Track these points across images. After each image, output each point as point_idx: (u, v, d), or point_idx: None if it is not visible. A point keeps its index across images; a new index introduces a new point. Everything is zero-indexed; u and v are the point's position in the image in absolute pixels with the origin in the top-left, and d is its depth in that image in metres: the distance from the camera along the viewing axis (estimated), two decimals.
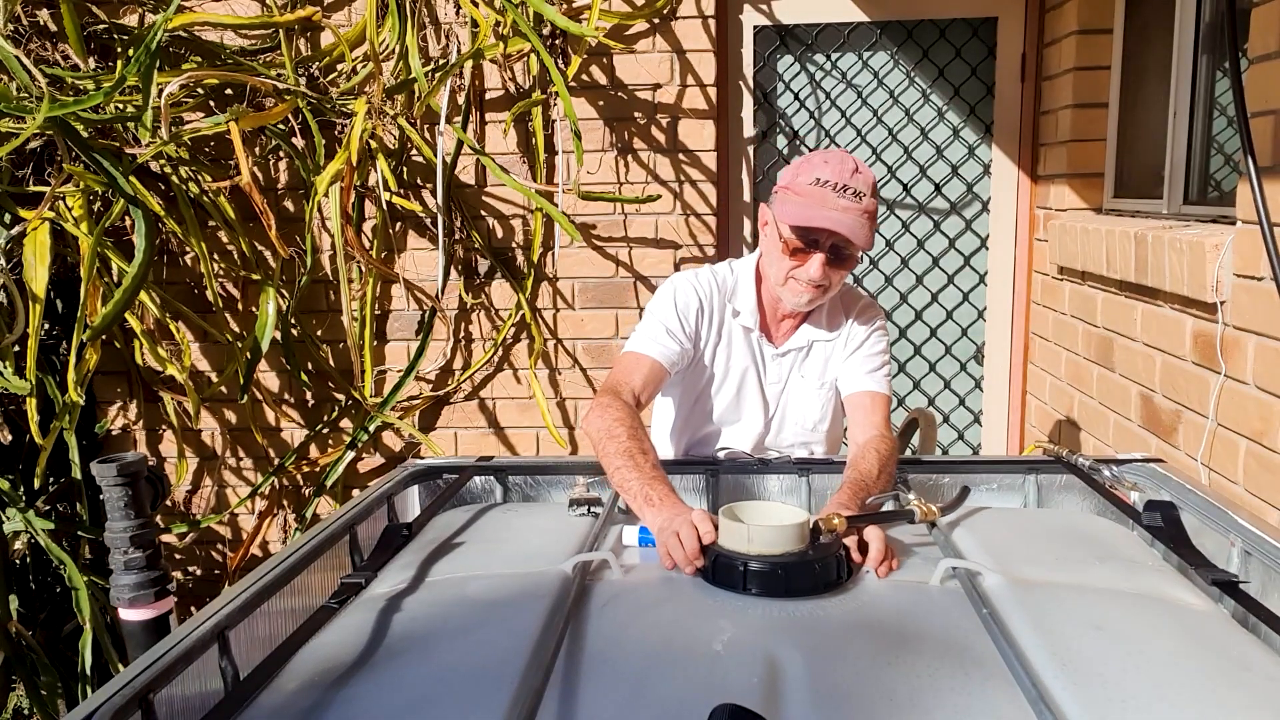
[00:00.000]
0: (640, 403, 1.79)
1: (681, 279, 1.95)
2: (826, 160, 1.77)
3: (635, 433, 1.65)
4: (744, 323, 1.93)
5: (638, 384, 1.81)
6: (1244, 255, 2.02)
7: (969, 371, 3.55)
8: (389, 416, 3.23)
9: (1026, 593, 1.21)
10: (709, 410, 1.97)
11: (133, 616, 1.95)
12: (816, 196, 1.74)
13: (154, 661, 1.03)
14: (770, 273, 1.88)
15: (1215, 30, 2.48)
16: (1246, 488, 2.06)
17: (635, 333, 1.90)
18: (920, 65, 3.34)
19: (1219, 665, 1.05)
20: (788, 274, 1.82)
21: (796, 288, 1.82)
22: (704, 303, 1.91)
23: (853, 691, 1.00)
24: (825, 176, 1.74)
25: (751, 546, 1.26)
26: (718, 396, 1.96)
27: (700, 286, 1.92)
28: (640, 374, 1.82)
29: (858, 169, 1.76)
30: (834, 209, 1.73)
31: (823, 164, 1.77)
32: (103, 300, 2.77)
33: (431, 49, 3.11)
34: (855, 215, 1.74)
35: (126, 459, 1.96)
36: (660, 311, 1.90)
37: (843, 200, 1.73)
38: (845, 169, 1.75)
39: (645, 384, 1.82)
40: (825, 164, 1.77)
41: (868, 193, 1.75)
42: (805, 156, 1.85)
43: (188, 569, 3.50)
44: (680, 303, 1.90)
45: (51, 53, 2.89)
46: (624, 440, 1.63)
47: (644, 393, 1.82)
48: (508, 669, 1.04)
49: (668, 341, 1.86)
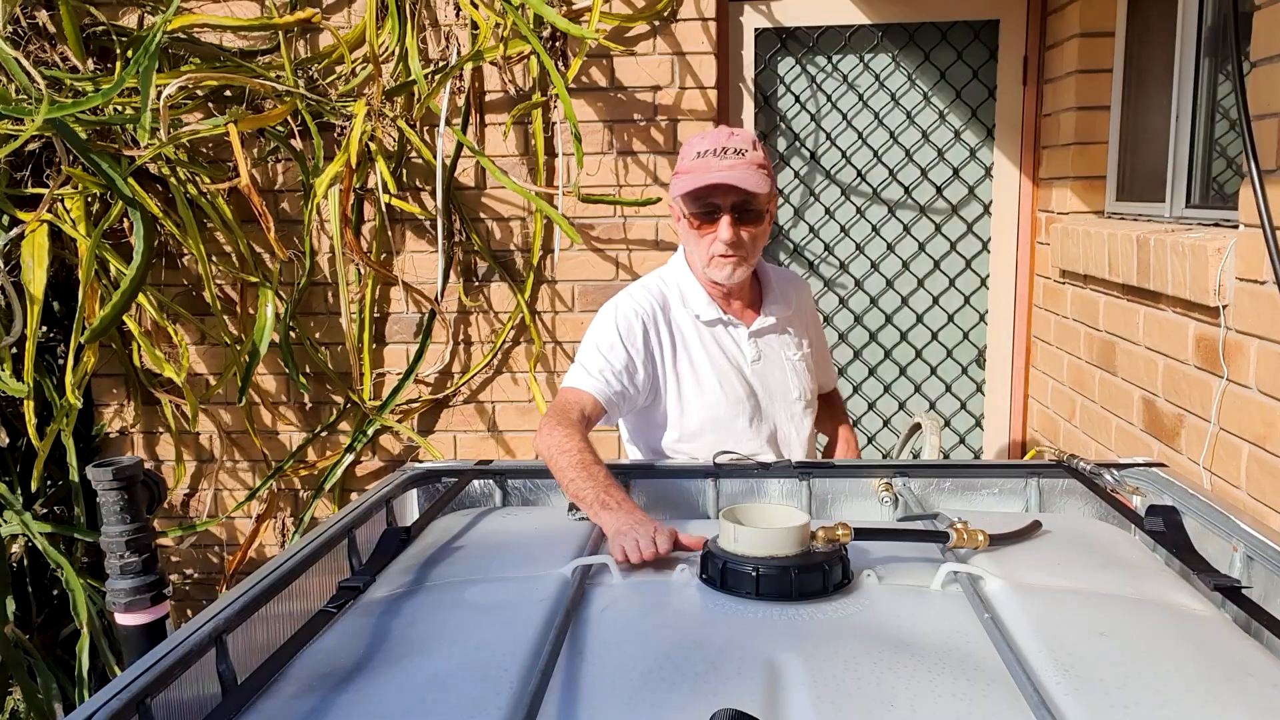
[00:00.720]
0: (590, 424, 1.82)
1: (619, 304, 1.96)
2: (704, 136, 1.89)
3: (585, 448, 1.68)
4: (708, 317, 1.97)
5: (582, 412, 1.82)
6: (1246, 259, 2.01)
7: (970, 375, 3.54)
8: (388, 419, 3.23)
9: (1028, 597, 1.21)
10: (703, 411, 1.97)
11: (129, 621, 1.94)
12: (701, 166, 1.84)
13: (151, 666, 1.03)
14: (695, 260, 1.96)
15: (1217, 33, 2.48)
16: (1249, 492, 2.05)
17: (576, 366, 1.91)
18: (922, 68, 3.34)
19: (1221, 671, 1.05)
20: (708, 251, 1.89)
21: (719, 261, 1.89)
22: (646, 323, 1.93)
23: (853, 696, 0.99)
24: (704, 148, 1.85)
25: (752, 549, 1.25)
26: (705, 395, 1.97)
27: (639, 307, 1.94)
28: (581, 407, 1.83)
29: (734, 133, 1.87)
30: (719, 169, 1.82)
31: (700, 139, 1.88)
32: (101, 302, 2.77)
33: (431, 51, 3.11)
34: (742, 168, 1.82)
35: (122, 462, 1.94)
36: (603, 343, 1.91)
37: (726, 160, 1.83)
38: (720, 135, 1.87)
39: (588, 416, 1.83)
40: (702, 139, 1.88)
41: (749, 148, 1.85)
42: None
43: (185, 572, 3.50)
44: (623, 329, 1.91)
45: (50, 54, 2.89)
46: (575, 454, 1.66)
47: (589, 421, 1.82)
48: (507, 673, 1.04)
49: (608, 377, 1.87)
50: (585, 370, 1.88)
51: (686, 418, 1.97)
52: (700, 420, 1.96)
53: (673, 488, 1.80)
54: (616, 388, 1.86)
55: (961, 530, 1.37)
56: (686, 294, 1.98)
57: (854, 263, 3.48)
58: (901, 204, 3.43)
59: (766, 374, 2.00)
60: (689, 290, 1.98)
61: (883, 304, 3.50)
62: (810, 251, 3.48)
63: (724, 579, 1.25)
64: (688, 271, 2.00)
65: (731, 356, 1.97)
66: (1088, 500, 1.71)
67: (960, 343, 3.53)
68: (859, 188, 3.43)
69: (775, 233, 3.47)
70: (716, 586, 1.26)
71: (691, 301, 1.97)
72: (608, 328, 1.92)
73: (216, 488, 3.43)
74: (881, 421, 3.60)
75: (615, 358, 1.88)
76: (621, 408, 1.91)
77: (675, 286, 2.00)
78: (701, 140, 1.87)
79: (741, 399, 1.96)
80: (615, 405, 1.88)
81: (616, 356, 1.88)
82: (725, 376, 1.96)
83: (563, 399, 1.85)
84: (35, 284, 2.63)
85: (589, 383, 1.86)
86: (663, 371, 1.95)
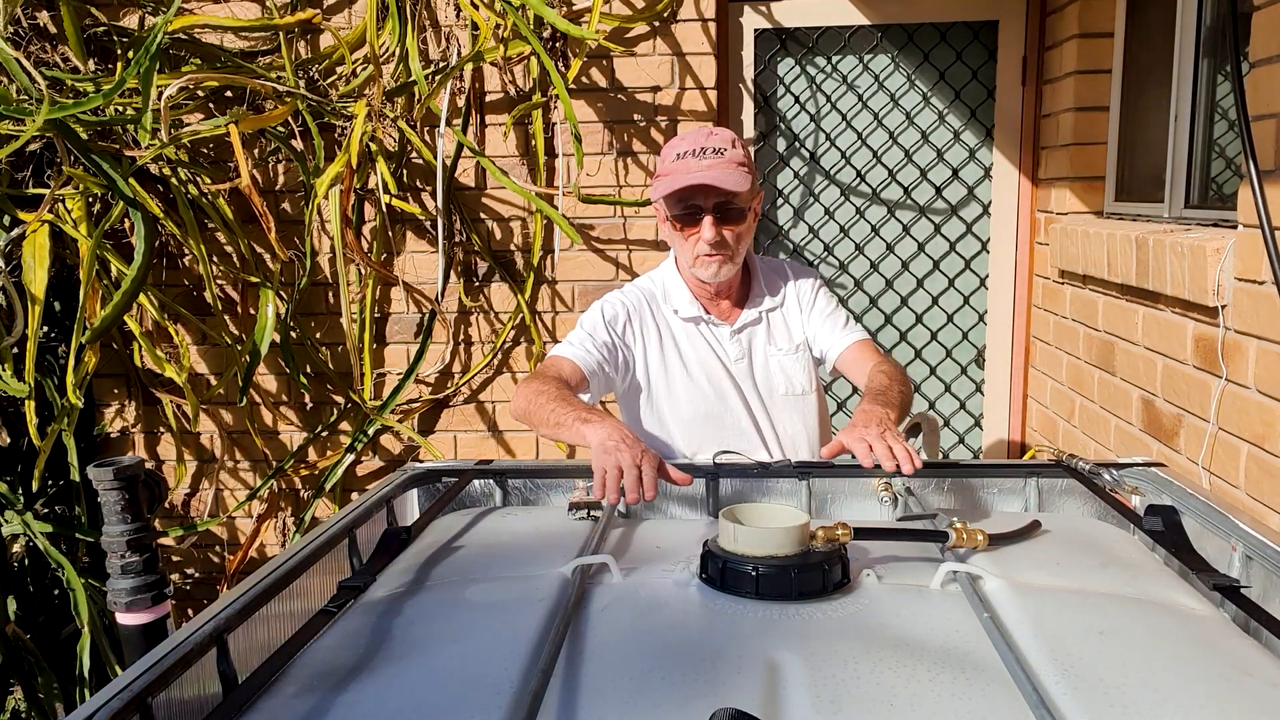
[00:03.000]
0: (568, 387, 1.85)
1: (609, 295, 2.06)
2: (683, 137, 1.91)
3: (563, 387, 1.75)
4: (686, 314, 2.00)
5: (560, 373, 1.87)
6: (1245, 259, 2.01)
7: (969, 375, 3.55)
8: (388, 419, 3.23)
9: (1027, 597, 1.21)
10: (690, 407, 2.01)
11: (130, 620, 1.94)
12: (681, 167, 1.85)
13: (152, 665, 1.03)
14: (681, 261, 2.00)
15: (1216, 33, 2.48)
16: (1248, 492, 2.05)
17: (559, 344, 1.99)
18: (921, 68, 3.34)
19: (1220, 670, 1.05)
20: (693, 251, 1.92)
21: (704, 260, 1.92)
22: (630, 313, 2.01)
23: (852, 695, 0.99)
24: (683, 149, 1.87)
25: (751, 548, 1.26)
26: (691, 391, 2.01)
27: (626, 299, 2.03)
28: (559, 369, 1.88)
29: (713, 132, 1.89)
30: (698, 170, 1.83)
31: (679, 141, 1.91)
32: (102, 303, 2.77)
33: (431, 51, 3.11)
34: (721, 168, 1.83)
35: (123, 462, 1.95)
36: (587, 322, 2.00)
37: (705, 160, 1.85)
38: (700, 135, 1.88)
39: (565, 378, 1.87)
40: (682, 140, 1.90)
41: (728, 146, 1.86)
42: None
43: (186, 572, 3.50)
44: (607, 315, 2.00)
45: (51, 55, 2.89)
46: (553, 392, 1.72)
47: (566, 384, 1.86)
48: (507, 673, 1.04)
49: (589, 348, 1.94)
50: (568, 342, 1.97)
51: (674, 410, 2.01)
52: (687, 414, 2.01)
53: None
54: (595, 359, 1.93)
55: (961, 530, 1.37)
56: (670, 291, 2.04)
57: (853, 263, 3.48)
58: (901, 204, 3.43)
59: (753, 371, 2.03)
60: (673, 287, 2.04)
61: (882, 304, 3.50)
62: (810, 251, 3.48)
63: (724, 579, 1.25)
64: (674, 270, 2.06)
65: (715, 354, 2.01)
66: (1087, 500, 1.71)
67: (959, 343, 3.53)
68: (858, 188, 3.43)
69: (775, 233, 3.47)
70: (716, 586, 1.26)
71: (674, 298, 2.02)
72: (593, 313, 2.02)
73: (217, 488, 3.43)
74: None
75: (597, 335, 1.96)
76: (599, 384, 1.96)
77: (661, 284, 2.06)
78: (680, 142, 1.90)
79: (724, 394, 2.00)
80: (594, 376, 1.93)
81: (599, 335, 1.97)
82: (711, 373, 2.00)
83: (541, 366, 1.92)
84: (36, 284, 2.63)
85: (569, 350, 1.94)
86: (645, 362, 2.01)
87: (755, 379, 2.03)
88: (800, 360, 2.06)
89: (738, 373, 2.01)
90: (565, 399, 1.69)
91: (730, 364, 2.01)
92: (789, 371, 2.04)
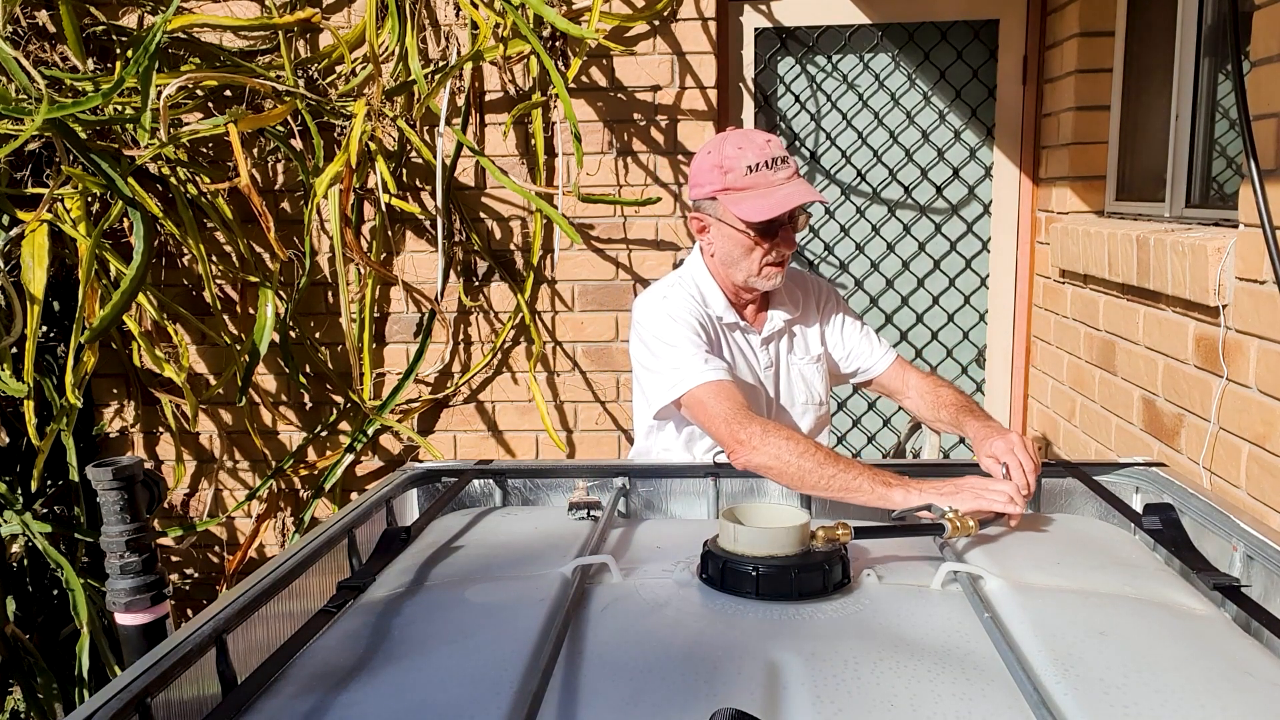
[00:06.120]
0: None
1: (667, 305, 1.90)
2: (741, 146, 1.82)
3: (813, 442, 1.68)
4: (727, 319, 1.97)
5: (746, 403, 1.76)
6: (1246, 258, 2.01)
7: (970, 375, 3.54)
8: (388, 419, 3.23)
9: (1028, 597, 1.21)
10: None
11: (129, 621, 1.94)
12: (761, 181, 1.80)
13: (151, 665, 1.03)
14: (737, 269, 1.90)
15: (1217, 33, 2.47)
16: (1249, 491, 2.05)
17: (678, 369, 1.81)
18: (921, 67, 3.34)
19: (1221, 670, 1.05)
20: (760, 262, 1.87)
21: (771, 270, 1.88)
22: (697, 318, 1.90)
23: (853, 695, 0.99)
24: (753, 160, 1.80)
25: (751, 548, 1.25)
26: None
27: (683, 304, 1.91)
28: (742, 400, 1.76)
29: (769, 139, 1.84)
30: (782, 185, 1.80)
31: (738, 150, 1.81)
32: (101, 302, 2.76)
33: (431, 51, 3.11)
34: (798, 182, 1.82)
35: (122, 462, 1.95)
36: (680, 338, 1.85)
37: (781, 172, 1.81)
38: (758, 142, 1.82)
39: (748, 399, 1.79)
40: (740, 149, 1.81)
41: (785, 152, 1.83)
42: (707, 151, 1.87)
43: (185, 572, 3.50)
44: (690, 323, 1.87)
45: (50, 54, 2.89)
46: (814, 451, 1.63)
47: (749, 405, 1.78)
48: (507, 673, 1.04)
49: (716, 361, 1.82)
50: (697, 365, 1.79)
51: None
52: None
53: (673, 487, 1.80)
54: (721, 364, 1.84)
55: (954, 519, 1.41)
56: (708, 297, 1.96)
57: (854, 262, 3.48)
58: (901, 204, 3.43)
59: (778, 379, 2.02)
60: (709, 293, 1.96)
61: (883, 304, 3.50)
62: (810, 251, 3.48)
63: (724, 578, 1.25)
64: (707, 274, 1.97)
65: (748, 361, 1.99)
66: (1087, 499, 1.70)
67: (960, 342, 3.53)
68: (859, 187, 3.43)
69: None
70: (716, 586, 1.26)
71: (712, 304, 1.96)
72: (678, 326, 1.86)
73: (216, 488, 3.43)
74: (881, 421, 3.60)
75: (701, 343, 1.84)
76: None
77: (697, 288, 1.97)
78: (741, 151, 1.80)
79: (755, 400, 1.97)
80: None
81: (701, 343, 1.85)
82: (746, 379, 1.98)
83: (718, 402, 1.73)
84: (35, 284, 2.63)
85: (713, 373, 1.78)
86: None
87: (780, 387, 2.02)
88: (820, 371, 2.05)
89: (766, 380, 2.01)
90: (836, 461, 1.61)
91: (760, 370, 2.00)
92: (810, 381, 2.04)
